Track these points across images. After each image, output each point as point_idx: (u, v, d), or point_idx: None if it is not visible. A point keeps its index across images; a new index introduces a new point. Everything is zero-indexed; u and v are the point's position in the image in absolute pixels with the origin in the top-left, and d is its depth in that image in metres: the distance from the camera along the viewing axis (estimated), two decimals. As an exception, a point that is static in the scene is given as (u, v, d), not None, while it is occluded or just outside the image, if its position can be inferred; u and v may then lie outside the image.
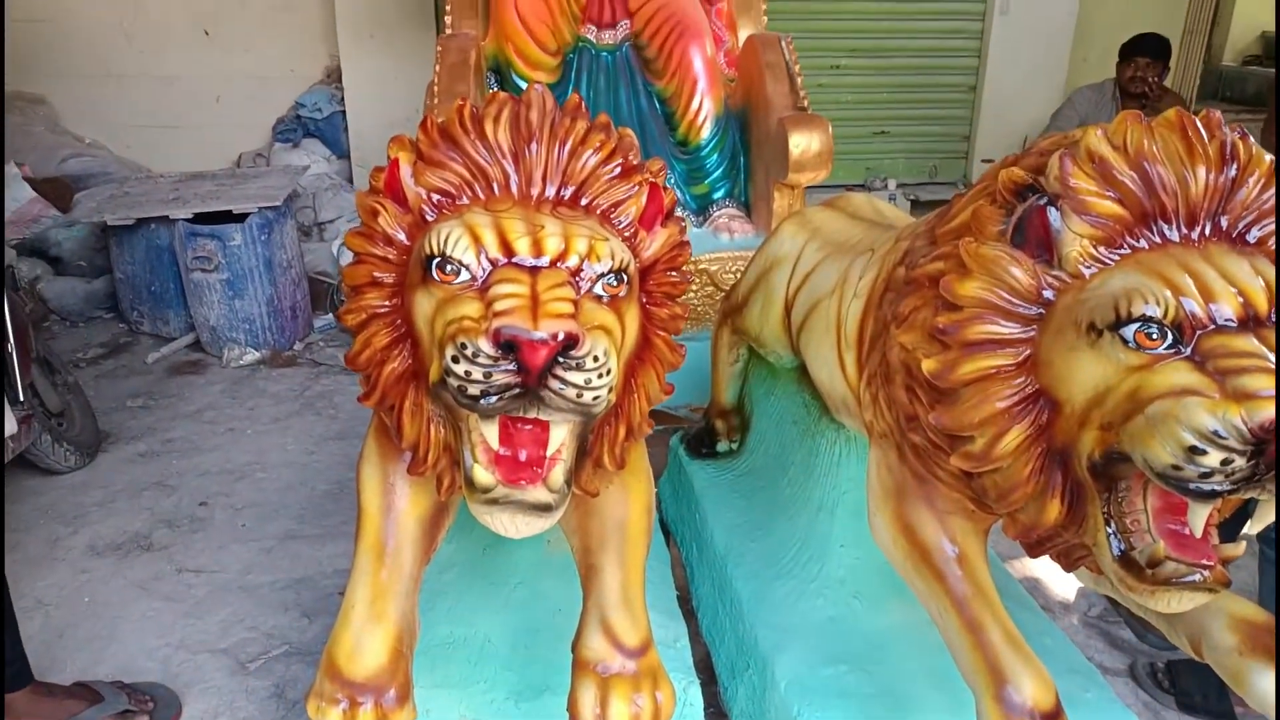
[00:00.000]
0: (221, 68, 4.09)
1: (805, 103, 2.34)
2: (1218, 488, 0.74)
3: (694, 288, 2.46)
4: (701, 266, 2.43)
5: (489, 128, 0.97)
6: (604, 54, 2.65)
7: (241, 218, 3.03)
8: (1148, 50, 3.56)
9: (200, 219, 3.02)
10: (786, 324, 1.55)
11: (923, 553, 1.04)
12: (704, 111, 2.52)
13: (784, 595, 1.41)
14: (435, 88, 2.35)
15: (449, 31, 2.57)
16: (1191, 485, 0.75)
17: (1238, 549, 0.84)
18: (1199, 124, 0.84)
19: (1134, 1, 4.20)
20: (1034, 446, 0.88)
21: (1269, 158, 0.85)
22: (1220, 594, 0.99)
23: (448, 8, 2.64)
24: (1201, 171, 0.82)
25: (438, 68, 2.39)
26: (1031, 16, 4.01)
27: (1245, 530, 0.85)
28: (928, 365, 0.91)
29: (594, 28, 2.63)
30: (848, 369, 1.26)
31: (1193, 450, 0.73)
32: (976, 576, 1.02)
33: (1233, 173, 0.83)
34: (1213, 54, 5.19)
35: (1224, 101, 5.22)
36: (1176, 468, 0.75)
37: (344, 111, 4.04)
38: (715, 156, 2.57)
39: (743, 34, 2.62)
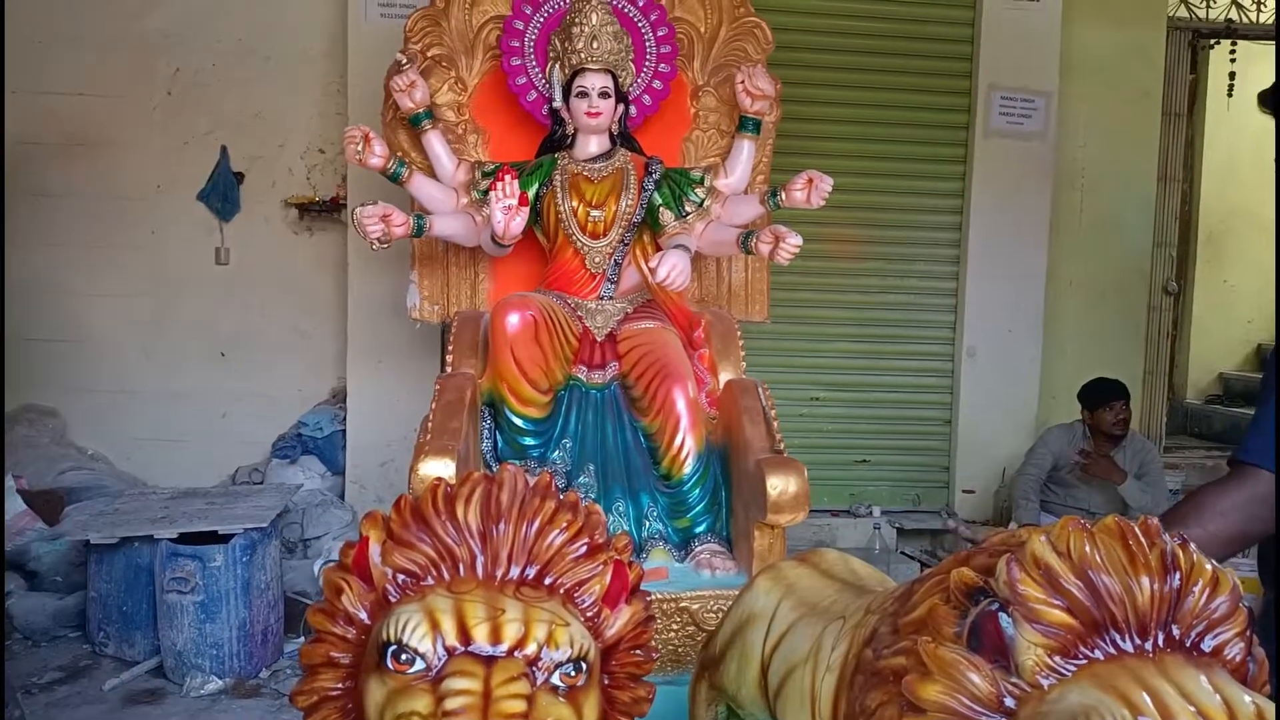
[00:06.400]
0: (232, 387, 4.29)
1: (781, 446, 2.43)
2: None
3: (675, 627, 2.40)
4: (683, 604, 2.39)
5: (459, 508, 1.00)
6: (593, 391, 2.78)
7: (227, 537, 3.03)
8: (1123, 394, 3.85)
9: (185, 538, 3.03)
10: (763, 686, 1.50)
11: None
12: (686, 448, 2.61)
13: None
14: (430, 423, 2.45)
15: (449, 370, 2.72)
16: None
17: None
18: (1139, 532, 0.88)
19: (1093, 347, 4.52)
20: None
21: (1210, 565, 0.87)
22: None
23: (450, 347, 2.82)
24: (1146, 581, 0.84)
25: (434, 405, 2.50)
26: (997, 360, 4.29)
27: None
28: (897, 771, 0.88)
29: (584, 368, 2.78)
30: (824, 749, 1.21)
31: None
32: None
33: (1176, 581, 0.85)
34: (1175, 392, 5.49)
35: (1192, 436, 5.45)
36: None
37: (344, 430, 4.18)
38: (697, 491, 2.61)
39: (723, 376, 2.78)
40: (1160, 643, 0.83)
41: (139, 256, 4.20)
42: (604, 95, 2.69)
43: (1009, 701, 0.84)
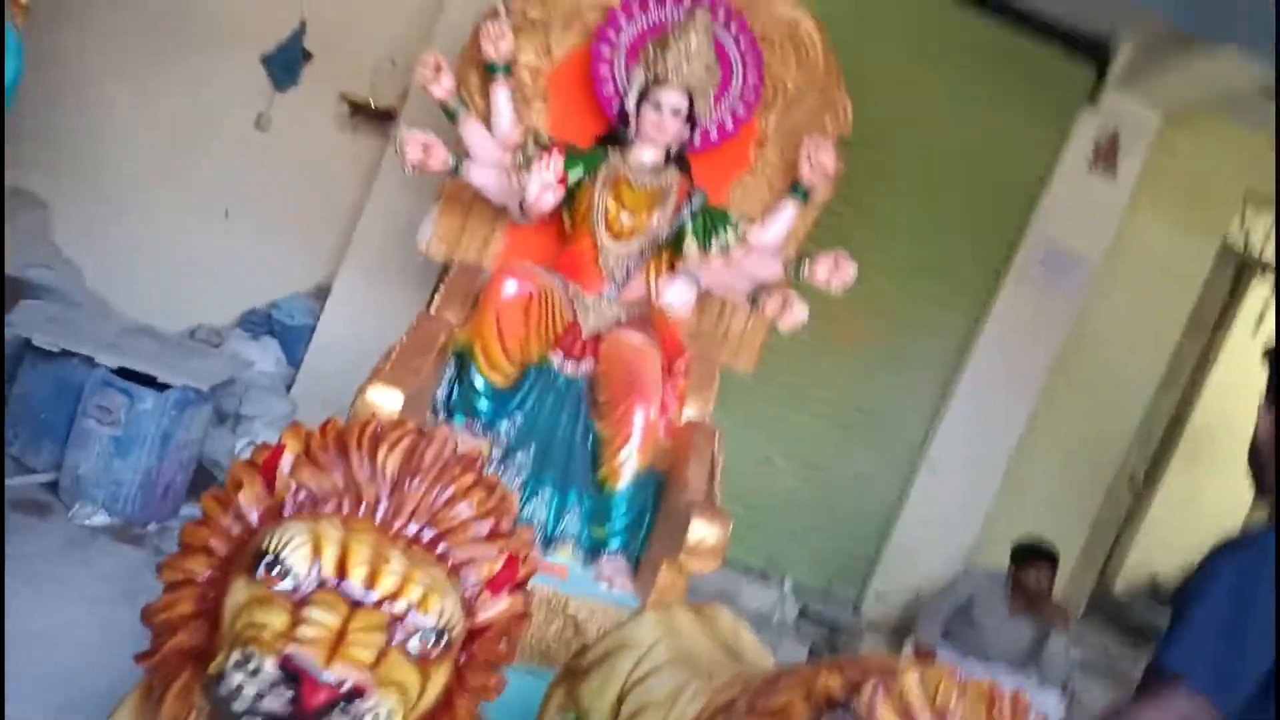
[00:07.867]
0: (224, 246, 4.24)
1: (717, 496, 2.44)
2: None
3: (556, 625, 2.41)
4: (570, 609, 2.39)
5: (382, 451, 1.00)
6: (561, 379, 2.78)
7: (164, 386, 3.01)
8: (1049, 558, 3.90)
9: (123, 372, 3.00)
10: (616, 712, 1.51)
11: None
12: (628, 464, 2.61)
13: None
14: (394, 353, 2.45)
15: (432, 311, 2.71)
16: None
17: None
18: (1008, 703, 0.89)
19: (1049, 506, 4.56)
20: None
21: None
22: None
23: (440, 289, 2.82)
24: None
25: (405, 337, 2.50)
26: (953, 484, 4.33)
27: None
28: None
29: (561, 354, 2.77)
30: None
31: None
32: None
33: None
34: (1105, 578, 5.54)
35: (1109, 621, 5.48)
36: None
37: (314, 326, 4.16)
38: (624, 508, 2.62)
39: (688, 412, 2.79)
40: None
41: (182, 88, 4.16)
42: (676, 114, 2.71)
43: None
